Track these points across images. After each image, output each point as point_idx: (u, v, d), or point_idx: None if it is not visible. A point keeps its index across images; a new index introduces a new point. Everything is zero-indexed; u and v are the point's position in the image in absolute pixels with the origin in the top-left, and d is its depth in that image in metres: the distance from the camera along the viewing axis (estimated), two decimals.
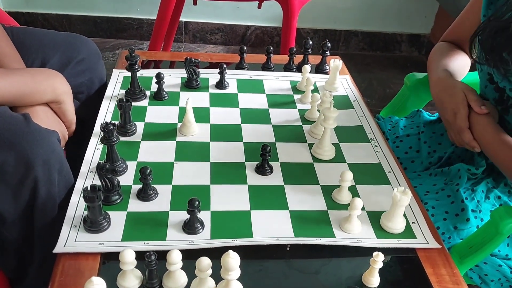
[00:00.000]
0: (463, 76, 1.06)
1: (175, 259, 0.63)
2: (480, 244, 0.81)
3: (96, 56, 1.15)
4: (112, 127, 0.80)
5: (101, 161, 0.81)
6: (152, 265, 0.63)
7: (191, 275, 0.65)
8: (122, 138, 0.91)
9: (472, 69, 1.08)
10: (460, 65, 1.04)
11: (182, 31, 2.65)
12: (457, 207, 0.89)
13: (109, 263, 0.69)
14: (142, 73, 1.14)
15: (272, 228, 0.76)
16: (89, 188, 0.70)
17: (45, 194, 0.79)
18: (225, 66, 1.10)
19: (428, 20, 2.72)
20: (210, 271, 0.63)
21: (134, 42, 2.65)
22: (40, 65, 1.06)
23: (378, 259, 0.66)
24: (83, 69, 1.11)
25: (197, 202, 0.72)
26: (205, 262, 0.62)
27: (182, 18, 2.47)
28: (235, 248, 0.63)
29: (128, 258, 0.62)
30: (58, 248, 0.70)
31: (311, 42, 1.19)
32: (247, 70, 1.20)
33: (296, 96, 1.12)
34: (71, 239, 0.72)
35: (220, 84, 1.12)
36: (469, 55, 1.08)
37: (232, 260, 0.60)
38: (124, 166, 0.85)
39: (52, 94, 0.91)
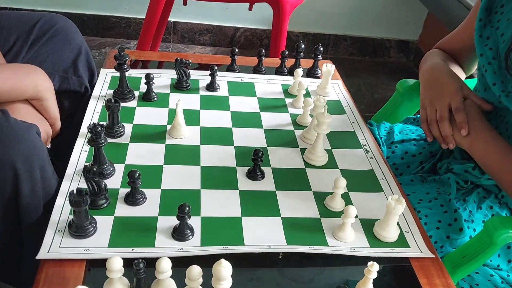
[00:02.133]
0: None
1: (165, 268, 0.61)
2: (473, 254, 0.80)
3: (74, 29, 1.12)
4: (100, 129, 0.78)
5: (87, 164, 0.79)
6: (141, 274, 0.61)
7: (180, 283, 0.63)
8: (109, 140, 0.89)
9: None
10: (455, 68, 1.04)
11: (171, 31, 2.62)
12: (450, 216, 0.88)
13: (95, 270, 0.67)
14: (131, 73, 1.11)
15: (264, 235, 0.75)
16: (75, 192, 0.68)
17: (28, 191, 0.77)
18: (216, 68, 1.08)
19: (416, 26, 2.73)
20: (201, 280, 0.60)
21: (121, 41, 2.62)
22: (21, 45, 1.04)
23: (373, 269, 0.64)
24: (61, 41, 1.08)
25: (187, 208, 0.70)
26: (195, 270, 0.60)
27: (171, 18, 2.44)
28: (226, 256, 0.61)
29: (116, 266, 0.60)
30: (42, 254, 0.67)
31: (303, 46, 1.17)
32: (238, 72, 1.18)
33: (288, 100, 1.11)
34: (55, 244, 0.69)
35: (211, 86, 1.10)
36: (463, 69, 1.08)
37: (224, 270, 0.58)
38: (111, 169, 0.82)
39: (34, 91, 0.89)
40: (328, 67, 1.12)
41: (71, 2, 2.51)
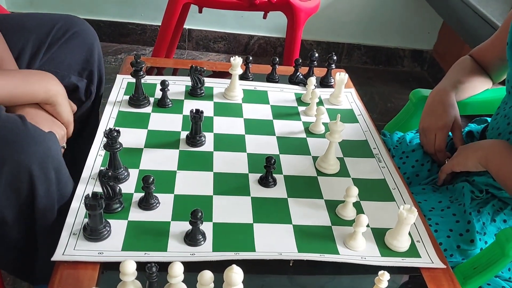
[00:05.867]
0: (472, 94, 1.07)
1: (177, 272, 0.61)
2: (484, 265, 0.80)
3: (92, 33, 1.15)
4: (116, 134, 0.79)
5: (103, 168, 0.80)
6: (153, 277, 0.62)
7: None
8: (124, 145, 0.89)
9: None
10: (475, 83, 1.06)
11: (185, 38, 2.65)
12: (462, 226, 0.88)
13: (108, 273, 0.68)
14: (146, 79, 1.12)
15: (275, 242, 0.75)
16: (90, 196, 0.69)
17: (43, 193, 0.79)
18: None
19: (431, 36, 2.72)
20: (212, 285, 0.61)
21: (137, 48, 2.65)
22: (39, 45, 1.06)
23: (384, 279, 0.64)
24: (79, 44, 1.11)
25: (200, 214, 0.70)
26: (207, 275, 0.60)
27: (186, 26, 2.46)
28: (237, 262, 0.61)
29: (130, 269, 0.61)
30: (57, 256, 0.68)
31: (317, 55, 1.18)
32: (252, 80, 1.19)
33: (301, 108, 1.11)
34: (70, 246, 0.70)
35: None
36: (492, 77, 1.10)
37: (236, 275, 0.59)
38: (126, 173, 0.84)
39: (45, 95, 0.90)
40: (341, 76, 1.12)
41: (88, 8, 2.55)
